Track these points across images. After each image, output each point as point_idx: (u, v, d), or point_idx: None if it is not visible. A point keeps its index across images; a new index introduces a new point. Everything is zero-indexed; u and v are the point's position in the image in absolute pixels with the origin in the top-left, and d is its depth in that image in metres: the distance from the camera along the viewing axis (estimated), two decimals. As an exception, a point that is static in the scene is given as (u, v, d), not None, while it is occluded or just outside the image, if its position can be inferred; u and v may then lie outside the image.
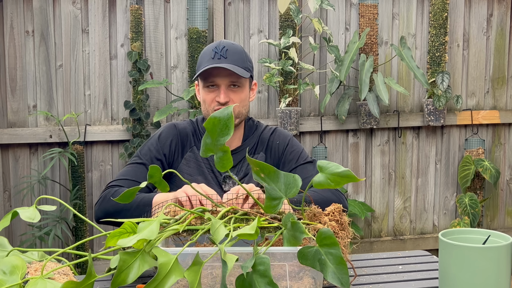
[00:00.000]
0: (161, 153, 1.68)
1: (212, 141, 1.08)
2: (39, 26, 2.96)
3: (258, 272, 0.96)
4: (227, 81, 1.62)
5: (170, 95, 3.11)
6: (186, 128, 1.73)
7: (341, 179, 1.03)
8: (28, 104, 2.99)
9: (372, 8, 3.27)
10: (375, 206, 3.43)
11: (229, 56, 1.60)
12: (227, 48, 1.61)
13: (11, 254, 1.02)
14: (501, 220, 3.62)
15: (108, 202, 1.54)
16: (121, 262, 0.92)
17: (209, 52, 1.62)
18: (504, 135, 3.57)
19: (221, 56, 1.60)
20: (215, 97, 1.63)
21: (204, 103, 1.66)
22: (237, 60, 1.61)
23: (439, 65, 3.32)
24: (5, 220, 1.04)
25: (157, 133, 1.73)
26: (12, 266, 0.96)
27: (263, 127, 1.79)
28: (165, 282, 0.91)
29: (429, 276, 1.40)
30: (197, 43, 3.06)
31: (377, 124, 3.26)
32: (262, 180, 1.09)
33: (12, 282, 0.94)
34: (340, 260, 0.98)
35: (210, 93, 1.64)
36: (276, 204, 1.10)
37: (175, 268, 0.93)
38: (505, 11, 3.50)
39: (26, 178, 2.97)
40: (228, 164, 1.10)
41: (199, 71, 1.62)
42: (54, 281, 0.93)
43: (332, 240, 0.99)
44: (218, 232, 0.99)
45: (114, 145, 3.10)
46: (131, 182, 1.61)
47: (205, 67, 1.60)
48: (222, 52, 1.60)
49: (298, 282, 1.09)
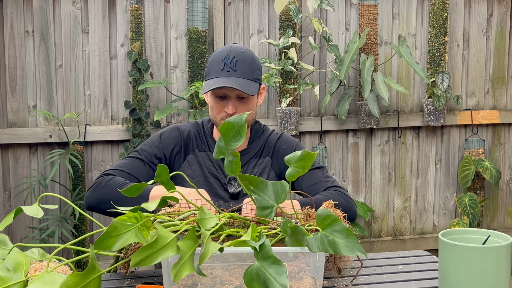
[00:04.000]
0: (162, 152, 1.68)
1: (224, 145, 1.12)
2: (39, 26, 2.96)
3: (261, 256, 0.97)
4: (235, 94, 1.61)
5: (170, 95, 3.11)
6: (190, 131, 1.73)
7: (304, 161, 1.10)
8: (28, 104, 2.99)
9: (372, 8, 3.27)
10: (375, 206, 3.43)
11: (238, 68, 1.58)
12: (237, 59, 1.58)
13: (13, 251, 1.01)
14: (501, 220, 3.62)
15: (102, 189, 1.54)
16: (112, 227, 0.93)
17: (218, 62, 1.60)
18: (504, 135, 3.57)
19: (231, 69, 1.58)
20: (223, 108, 1.62)
21: (212, 110, 1.66)
22: (246, 72, 1.59)
23: (439, 65, 3.32)
24: (8, 218, 1.03)
25: (159, 132, 1.73)
26: (16, 263, 0.95)
27: (270, 131, 1.79)
28: (159, 254, 0.93)
29: (429, 276, 1.40)
30: (197, 43, 3.06)
31: (377, 124, 3.26)
32: (252, 193, 1.16)
33: (16, 279, 0.93)
34: (347, 232, 1.01)
35: (219, 103, 1.63)
36: (268, 213, 1.15)
37: (172, 244, 0.94)
38: (505, 11, 3.50)
39: (26, 179, 2.97)
40: (237, 169, 1.13)
41: (209, 80, 1.60)
42: (61, 274, 0.93)
43: (333, 218, 1.01)
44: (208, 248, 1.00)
45: (114, 145, 3.10)
46: (125, 174, 1.61)
47: (214, 78, 1.58)
48: (231, 64, 1.58)
49: (298, 282, 1.09)
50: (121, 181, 1.55)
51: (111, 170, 1.62)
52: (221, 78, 1.57)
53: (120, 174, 1.61)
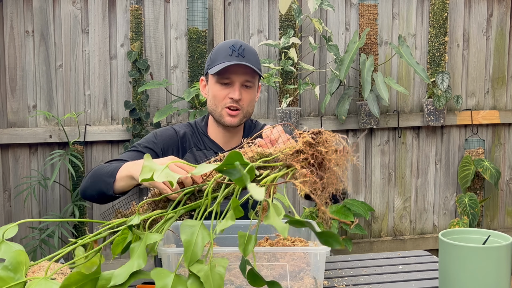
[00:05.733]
0: (160, 148, 1.67)
1: None
2: (39, 26, 2.96)
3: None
4: (243, 79, 1.63)
5: (170, 95, 3.11)
6: (186, 132, 1.73)
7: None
8: (28, 104, 2.99)
9: (372, 8, 3.27)
10: (375, 206, 3.43)
11: (246, 55, 1.62)
12: (244, 47, 1.63)
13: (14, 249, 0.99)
14: (501, 220, 3.62)
15: (88, 176, 1.54)
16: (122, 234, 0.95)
17: (225, 49, 1.63)
18: (504, 135, 3.57)
19: (239, 55, 1.61)
20: (227, 94, 1.63)
21: (215, 99, 1.66)
22: (253, 60, 1.63)
23: (439, 65, 3.32)
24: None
25: (153, 132, 1.73)
26: (17, 262, 0.93)
27: (260, 125, 1.82)
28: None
29: (429, 276, 1.40)
30: (197, 43, 3.06)
31: (377, 124, 3.26)
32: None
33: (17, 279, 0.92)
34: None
35: (223, 90, 1.64)
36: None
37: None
38: (505, 11, 3.50)
39: (26, 179, 2.97)
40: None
41: (217, 65, 1.61)
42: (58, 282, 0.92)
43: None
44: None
45: (114, 145, 3.10)
46: (124, 162, 1.56)
47: (223, 63, 1.60)
48: (239, 50, 1.62)
49: (299, 282, 1.09)
50: (104, 166, 1.52)
51: (109, 162, 1.59)
52: (230, 62, 1.59)
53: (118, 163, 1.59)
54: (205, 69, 1.72)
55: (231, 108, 1.64)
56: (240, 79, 1.62)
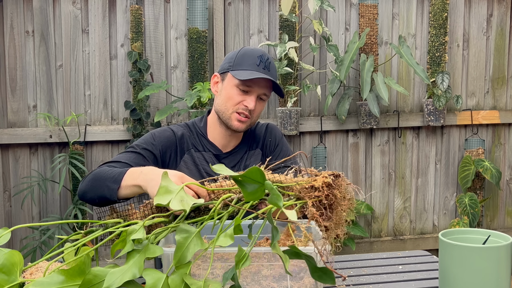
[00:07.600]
0: (158, 149, 1.66)
1: None
2: (39, 26, 2.96)
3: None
4: (262, 92, 1.65)
5: (170, 95, 3.10)
6: (184, 134, 1.72)
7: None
8: (28, 104, 2.99)
9: (372, 8, 3.27)
10: (375, 206, 3.43)
11: (271, 69, 1.66)
12: (270, 61, 1.67)
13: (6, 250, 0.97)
14: (501, 220, 3.62)
15: (87, 179, 1.52)
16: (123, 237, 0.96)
17: (253, 57, 1.64)
18: (504, 135, 3.57)
19: (266, 67, 1.64)
20: (243, 101, 1.64)
21: (229, 101, 1.66)
22: (274, 76, 1.67)
23: (439, 65, 3.32)
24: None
25: (151, 132, 1.71)
26: (10, 264, 0.91)
27: (257, 123, 1.83)
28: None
29: (429, 276, 1.40)
30: (197, 43, 3.06)
31: (377, 124, 3.26)
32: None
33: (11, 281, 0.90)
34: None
35: (240, 95, 1.65)
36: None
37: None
38: (505, 11, 3.50)
39: (26, 179, 2.97)
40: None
41: (243, 71, 1.62)
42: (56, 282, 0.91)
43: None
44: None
45: (114, 145, 3.10)
46: (124, 164, 1.57)
47: (251, 71, 1.61)
48: (266, 63, 1.64)
49: (299, 282, 1.09)
50: (106, 169, 1.51)
51: (108, 163, 1.58)
52: (260, 73, 1.61)
53: (116, 165, 1.57)
54: (222, 67, 1.70)
55: (242, 115, 1.64)
56: (260, 91, 1.65)
